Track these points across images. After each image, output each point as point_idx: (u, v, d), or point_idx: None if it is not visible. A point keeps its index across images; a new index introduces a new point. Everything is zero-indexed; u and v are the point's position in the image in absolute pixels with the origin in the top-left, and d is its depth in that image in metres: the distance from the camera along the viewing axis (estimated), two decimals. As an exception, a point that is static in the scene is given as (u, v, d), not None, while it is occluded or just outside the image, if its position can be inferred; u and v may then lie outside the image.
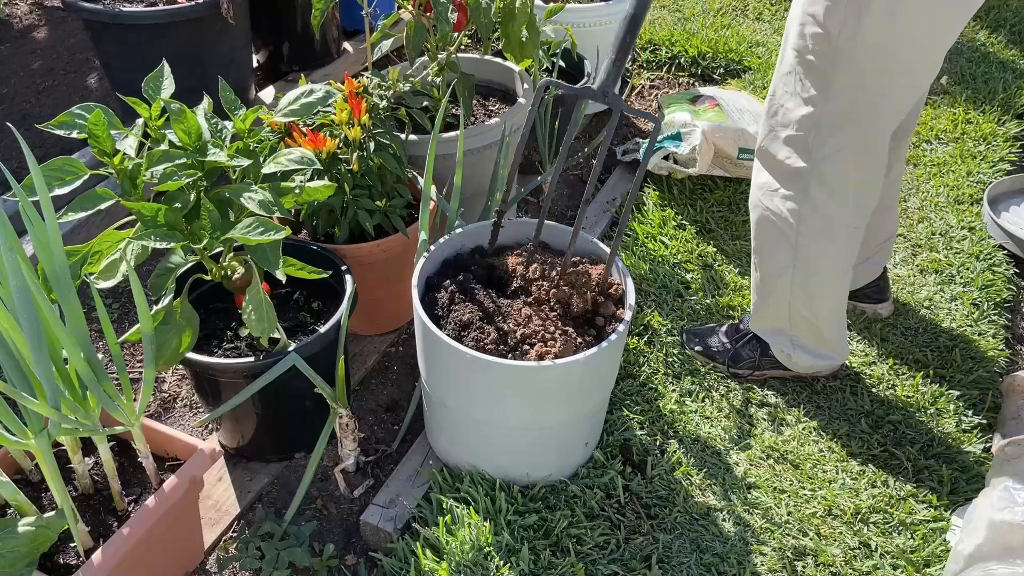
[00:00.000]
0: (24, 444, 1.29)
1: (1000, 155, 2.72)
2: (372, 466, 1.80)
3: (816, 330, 1.84)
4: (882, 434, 1.85)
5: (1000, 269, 2.29)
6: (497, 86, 2.42)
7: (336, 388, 1.60)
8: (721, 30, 3.46)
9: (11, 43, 3.11)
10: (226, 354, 1.66)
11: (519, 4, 2.05)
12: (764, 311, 1.89)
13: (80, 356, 1.24)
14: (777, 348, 1.91)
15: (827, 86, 1.57)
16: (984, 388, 1.95)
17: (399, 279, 1.94)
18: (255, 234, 1.39)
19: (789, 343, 1.89)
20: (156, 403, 1.93)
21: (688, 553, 1.60)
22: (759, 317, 1.91)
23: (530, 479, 1.67)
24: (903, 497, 1.71)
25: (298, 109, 1.62)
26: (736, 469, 1.77)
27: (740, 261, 2.32)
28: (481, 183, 2.09)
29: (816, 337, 1.86)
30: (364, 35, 2.49)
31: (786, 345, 1.89)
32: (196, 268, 1.64)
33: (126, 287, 2.17)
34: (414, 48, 2.02)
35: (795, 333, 1.87)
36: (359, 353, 2.04)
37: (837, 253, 1.75)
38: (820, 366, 1.91)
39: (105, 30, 2.37)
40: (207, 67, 2.41)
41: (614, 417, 1.84)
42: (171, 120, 1.42)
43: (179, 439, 1.50)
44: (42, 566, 1.34)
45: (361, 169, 1.83)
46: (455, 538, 1.54)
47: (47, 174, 1.37)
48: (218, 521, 1.67)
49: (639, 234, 2.39)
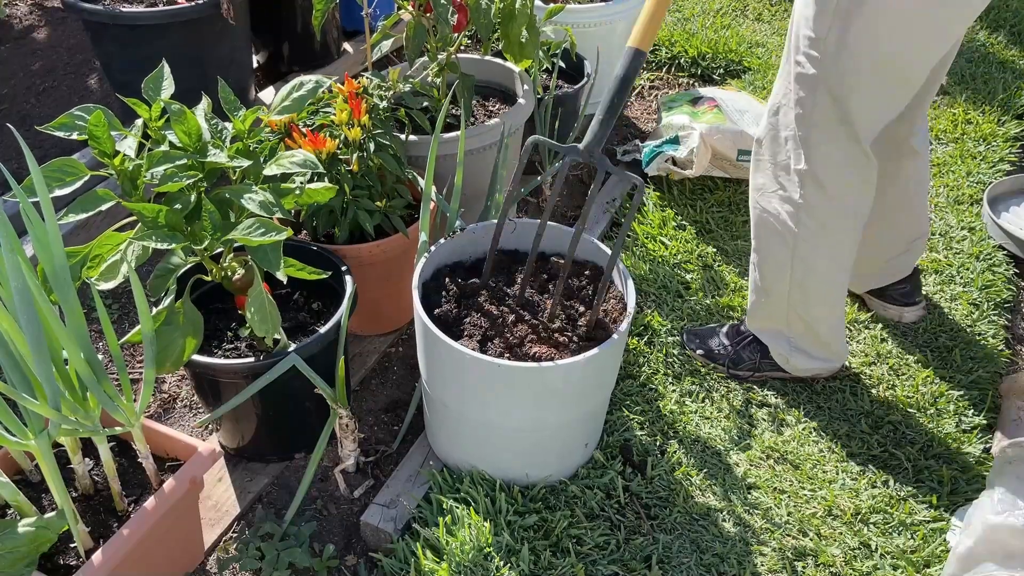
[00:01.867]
0: (24, 445, 1.29)
1: (1000, 155, 2.72)
2: (372, 466, 1.80)
3: (813, 332, 1.84)
4: (882, 434, 1.85)
5: (1000, 269, 2.29)
6: (497, 86, 2.42)
7: (336, 388, 1.60)
8: (721, 30, 3.46)
9: (11, 43, 3.11)
10: (226, 355, 1.66)
11: (519, 5, 2.05)
12: (762, 311, 1.89)
13: (80, 357, 1.24)
14: (775, 351, 1.91)
15: (815, 88, 1.58)
16: (984, 388, 1.95)
17: (399, 279, 1.94)
18: (256, 235, 1.39)
19: (787, 345, 1.89)
20: (156, 404, 1.93)
21: (688, 553, 1.60)
22: (757, 317, 1.92)
23: (530, 480, 1.67)
24: (903, 497, 1.71)
25: (291, 104, 1.62)
26: (736, 469, 1.77)
27: (740, 261, 2.32)
28: (481, 183, 2.09)
29: (813, 339, 1.86)
30: (364, 35, 2.49)
31: (784, 348, 1.89)
32: (196, 269, 1.64)
33: (126, 288, 2.17)
34: (414, 49, 2.02)
35: (793, 335, 1.87)
36: (359, 353, 2.04)
37: (833, 254, 1.75)
38: (818, 368, 1.91)
39: (105, 30, 2.37)
40: (207, 67, 2.41)
41: (614, 417, 1.84)
42: (171, 121, 1.42)
43: (179, 439, 1.50)
44: (42, 566, 1.34)
45: (361, 170, 1.83)
46: (455, 538, 1.54)
47: (47, 175, 1.37)
48: (218, 521, 1.67)
49: (639, 234, 2.39)
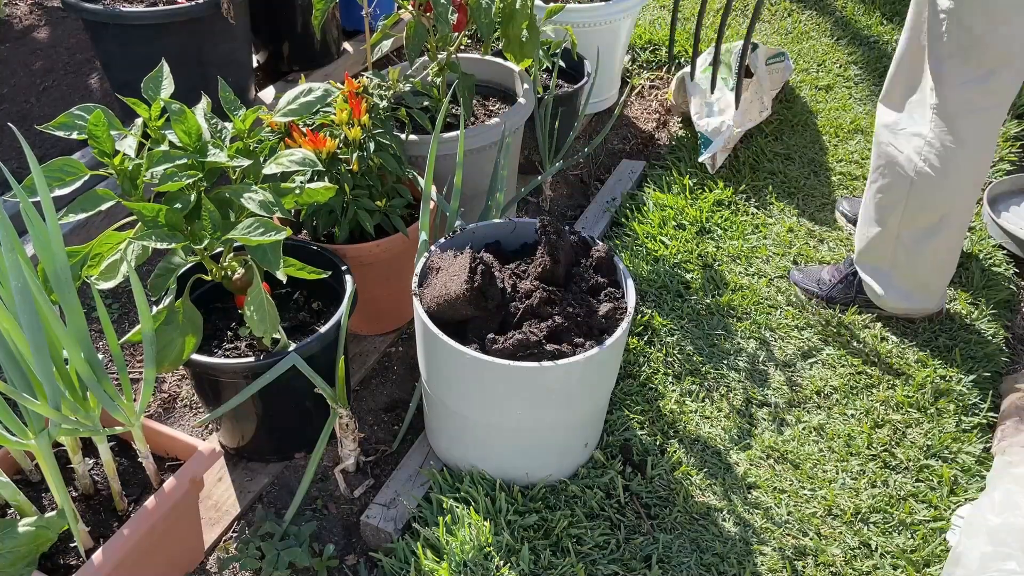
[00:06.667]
0: (24, 444, 1.29)
1: (1000, 155, 2.72)
2: (372, 466, 1.80)
3: (914, 271, 1.83)
4: (882, 434, 1.85)
5: (1000, 269, 2.29)
6: (497, 86, 2.42)
7: (336, 388, 1.60)
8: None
9: (11, 43, 3.11)
10: (226, 354, 1.66)
11: (519, 4, 2.05)
12: (870, 245, 1.90)
13: (80, 356, 1.24)
14: (870, 287, 1.92)
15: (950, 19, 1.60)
16: (984, 388, 1.95)
17: (399, 279, 1.94)
18: (256, 235, 1.39)
19: (887, 281, 1.89)
20: (156, 403, 1.93)
21: (688, 553, 1.60)
22: (865, 251, 1.92)
23: (530, 479, 1.67)
24: (903, 497, 1.71)
25: (297, 108, 1.62)
26: (736, 469, 1.77)
27: (740, 261, 2.32)
28: (481, 183, 2.09)
29: (914, 280, 1.84)
30: (364, 35, 2.49)
31: (883, 282, 1.89)
32: (196, 268, 1.64)
33: (126, 287, 2.17)
34: (414, 48, 2.02)
35: (894, 272, 1.87)
36: (359, 353, 2.04)
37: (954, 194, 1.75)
38: (912, 308, 1.90)
39: (105, 30, 2.37)
40: (207, 67, 2.41)
41: (614, 417, 1.84)
42: (171, 120, 1.42)
43: (179, 439, 1.50)
44: (42, 566, 1.34)
45: (361, 169, 1.83)
46: (455, 538, 1.54)
47: (47, 174, 1.37)
48: (218, 521, 1.67)
49: (639, 234, 2.39)
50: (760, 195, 2.57)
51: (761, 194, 2.58)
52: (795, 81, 3.11)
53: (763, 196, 2.57)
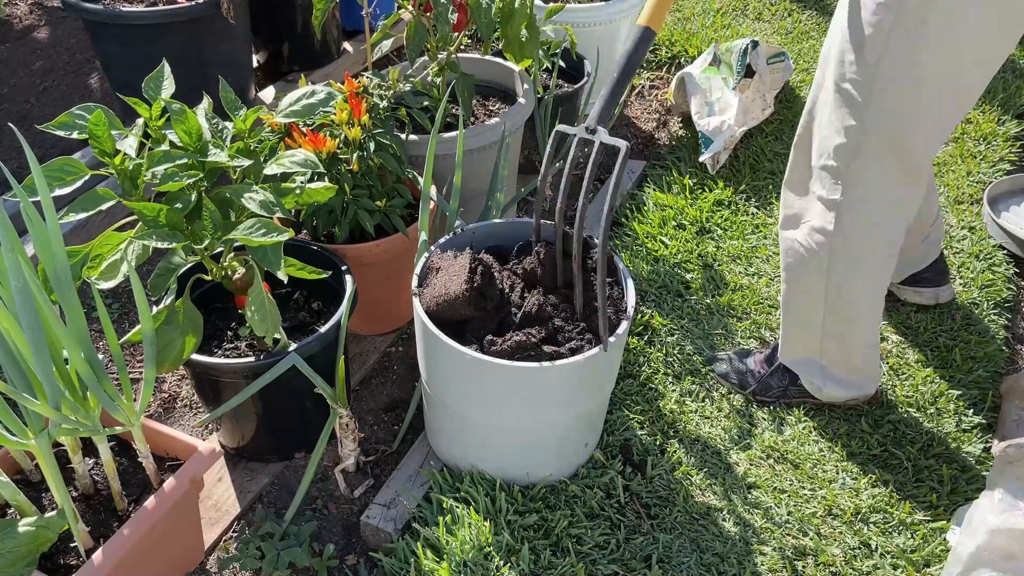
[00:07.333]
0: (24, 444, 1.29)
1: (1000, 155, 2.72)
2: (372, 466, 1.80)
3: (849, 359, 1.80)
4: (882, 434, 1.85)
5: (1000, 269, 2.29)
6: (497, 86, 2.42)
7: (336, 388, 1.60)
8: (721, 30, 3.46)
9: (11, 43, 3.11)
10: (226, 354, 1.66)
11: (519, 4, 2.05)
12: (795, 342, 1.85)
13: (80, 356, 1.24)
14: (807, 380, 1.86)
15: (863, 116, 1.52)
16: (984, 388, 1.95)
17: (399, 279, 1.94)
18: (257, 235, 1.39)
19: (820, 374, 1.84)
20: (156, 403, 1.93)
21: (688, 553, 1.60)
22: (790, 348, 1.87)
23: (530, 479, 1.67)
24: (903, 497, 1.71)
25: (300, 110, 1.62)
26: (736, 469, 1.77)
27: (740, 261, 2.32)
28: (481, 183, 2.09)
29: (848, 366, 1.81)
30: (364, 35, 2.49)
31: (817, 377, 1.84)
32: (196, 268, 1.64)
33: (127, 287, 2.17)
34: (414, 48, 2.02)
35: (826, 363, 1.82)
36: (359, 353, 2.04)
37: (871, 281, 1.70)
38: (852, 395, 1.86)
39: (105, 30, 2.37)
40: (207, 67, 2.42)
41: (614, 417, 1.84)
42: (172, 120, 1.42)
43: (179, 439, 1.50)
44: (42, 566, 1.34)
45: (361, 169, 1.83)
46: (455, 538, 1.54)
47: (48, 174, 1.37)
48: (218, 521, 1.67)
49: (639, 234, 2.39)
50: (760, 195, 2.57)
51: (761, 194, 2.58)
52: (795, 81, 3.11)
53: (763, 196, 2.57)
